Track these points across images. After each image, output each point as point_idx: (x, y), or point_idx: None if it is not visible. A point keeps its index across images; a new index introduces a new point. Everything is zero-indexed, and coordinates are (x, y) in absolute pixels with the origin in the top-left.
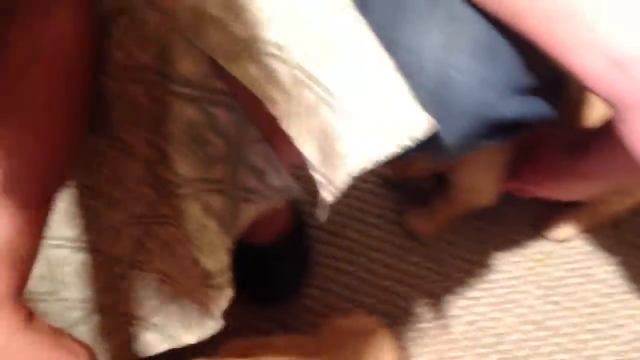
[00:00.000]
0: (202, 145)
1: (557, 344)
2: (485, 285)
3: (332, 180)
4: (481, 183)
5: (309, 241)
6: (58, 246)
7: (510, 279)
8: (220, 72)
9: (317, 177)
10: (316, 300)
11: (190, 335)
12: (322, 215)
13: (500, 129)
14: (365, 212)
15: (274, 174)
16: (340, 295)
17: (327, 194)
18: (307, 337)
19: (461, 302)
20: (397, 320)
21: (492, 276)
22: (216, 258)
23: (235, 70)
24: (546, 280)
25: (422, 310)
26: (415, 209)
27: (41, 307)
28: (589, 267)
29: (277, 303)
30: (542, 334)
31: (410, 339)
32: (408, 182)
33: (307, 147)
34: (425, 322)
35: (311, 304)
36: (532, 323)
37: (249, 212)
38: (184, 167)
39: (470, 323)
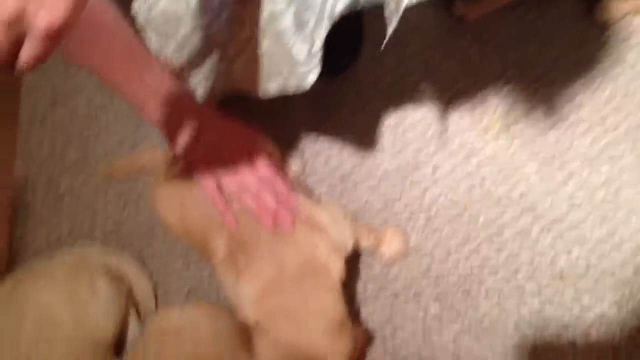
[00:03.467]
0: None
1: None
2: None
3: None
4: None
5: (362, 20)
6: None
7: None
8: None
9: None
10: (368, 73)
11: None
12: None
13: None
14: None
15: None
16: (389, 70)
17: None
18: None
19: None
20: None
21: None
22: None
23: None
24: None
25: (465, 82)
26: None
27: None
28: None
29: (333, 75)
30: None
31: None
32: None
33: None
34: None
35: (363, 77)
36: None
37: None
38: None
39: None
